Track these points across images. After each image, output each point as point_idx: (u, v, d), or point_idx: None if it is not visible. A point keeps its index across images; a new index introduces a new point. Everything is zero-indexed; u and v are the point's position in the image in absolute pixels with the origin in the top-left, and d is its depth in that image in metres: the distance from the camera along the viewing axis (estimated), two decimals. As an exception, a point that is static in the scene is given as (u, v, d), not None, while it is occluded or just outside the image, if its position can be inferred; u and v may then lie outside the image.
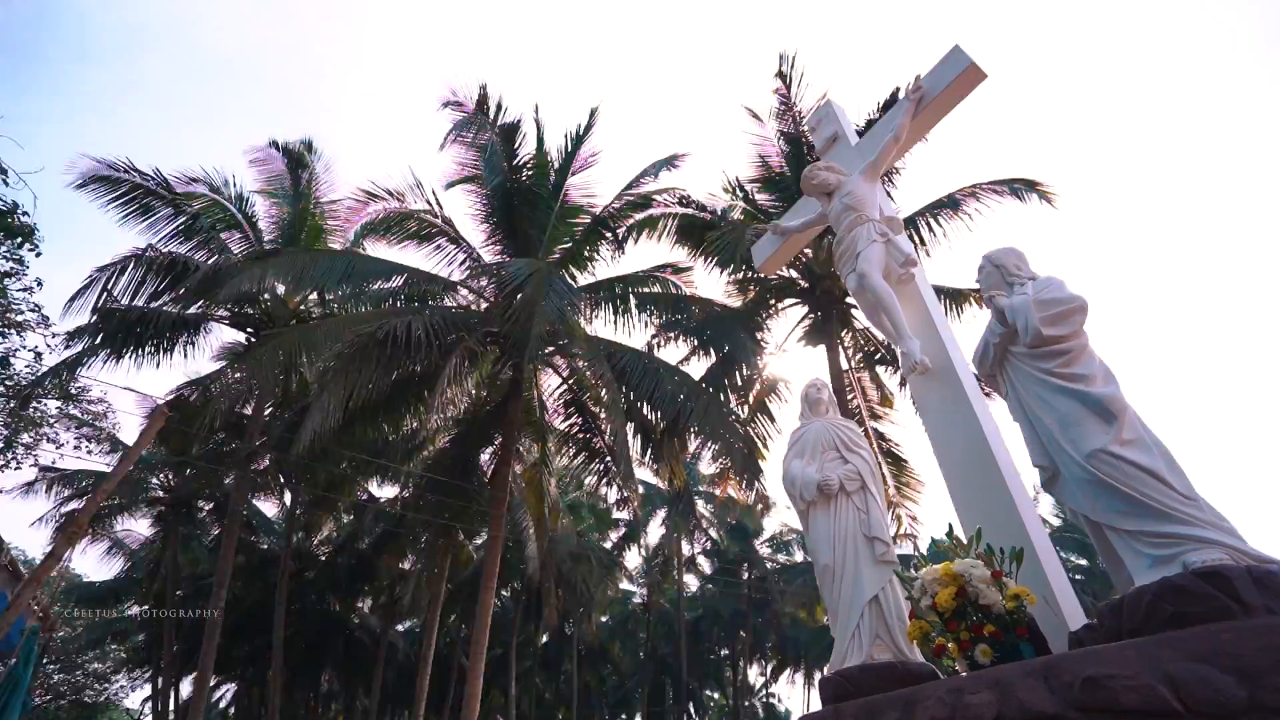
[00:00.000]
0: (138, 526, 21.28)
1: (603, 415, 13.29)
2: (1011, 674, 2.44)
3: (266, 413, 15.03)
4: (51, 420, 15.61)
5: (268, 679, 17.41)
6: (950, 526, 3.33)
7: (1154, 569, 2.50)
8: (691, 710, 30.84)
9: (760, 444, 13.49)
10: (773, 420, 14.05)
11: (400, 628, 26.52)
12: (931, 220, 13.10)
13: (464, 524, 14.94)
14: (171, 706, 19.64)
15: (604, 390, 10.49)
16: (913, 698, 2.74)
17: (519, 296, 9.83)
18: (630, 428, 13.87)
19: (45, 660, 25.79)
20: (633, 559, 29.60)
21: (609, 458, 14.04)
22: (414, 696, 14.91)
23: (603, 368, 10.40)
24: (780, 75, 12.97)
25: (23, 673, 5.45)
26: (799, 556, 28.63)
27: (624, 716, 35.46)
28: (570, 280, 14.20)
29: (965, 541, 3.30)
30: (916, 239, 13.27)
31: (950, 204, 12.95)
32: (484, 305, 12.71)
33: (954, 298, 13.15)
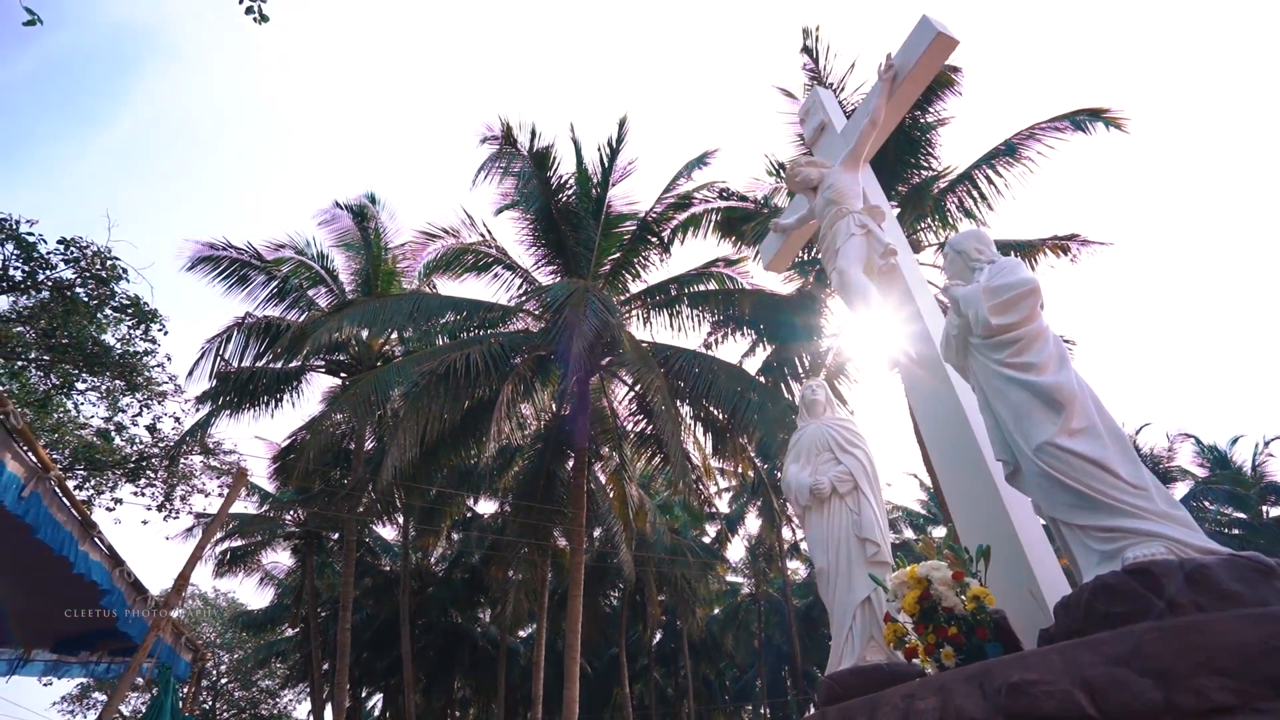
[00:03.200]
0: (281, 558, 23.83)
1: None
2: (954, 679, 2.44)
3: (367, 447, 16.39)
4: (197, 473, 17.84)
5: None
6: (924, 528, 3.29)
7: (1101, 565, 2.41)
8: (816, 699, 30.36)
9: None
10: (844, 402, 13.71)
11: (523, 634, 27.97)
12: (990, 172, 12.36)
13: (551, 536, 15.62)
14: (328, 717, 21.78)
15: (656, 398, 10.68)
16: (876, 702, 2.77)
17: (560, 317, 10.23)
18: (699, 426, 14.03)
19: (225, 680, 29.37)
20: (737, 550, 29.59)
21: (685, 458, 14.26)
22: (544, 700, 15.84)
23: (654, 373, 10.60)
24: (806, 50, 12.69)
25: (163, 700, 6.39)
26: (908, 534, 27.54)
27: (749, 708, 35.48)
28: (624, 289, 14.53)
29: (952, 541, 3.25)
30: (975, 194, 12.56)
31: (1008, 150, 12.17)
32: (540, 326, 13.25)
33: (1024, 250, 12.32)
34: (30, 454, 4.68)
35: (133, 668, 5.02)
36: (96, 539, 5.70)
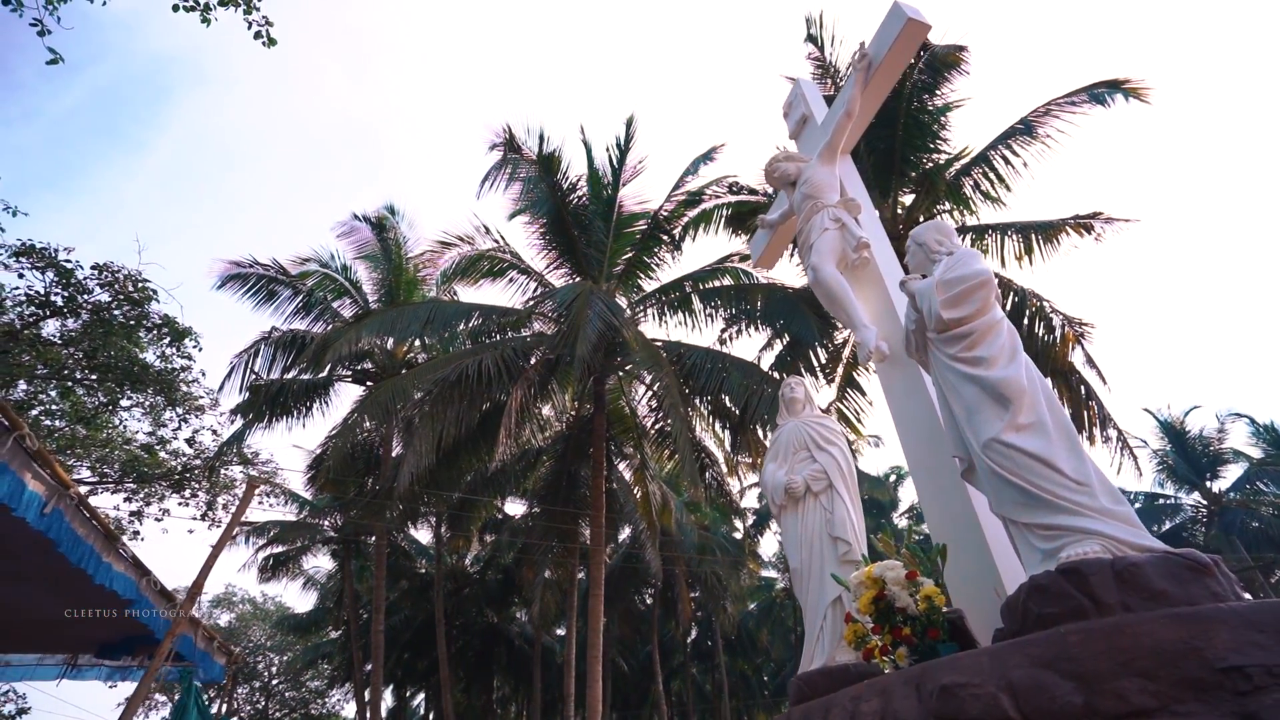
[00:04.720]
0: (322, 562, 24.61)
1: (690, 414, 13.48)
2: (895, 681, 2.41)
3: (395, 453, 16.77)
4: (237, 483, 18.51)
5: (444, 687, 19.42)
6: (884, 525, 3.24)
7: (1043, 564, 2.35)
8: (855, 692, 29.89)
9: (855, 418, 13.02)
10: (863, 394, 13.47)
11: (560, 632, 28.28)
12: (1006, 152, 12.01)
13: (577, 536, 15.76)
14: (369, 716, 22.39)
15: (666, 397, 10.68)
16: (830, 704, 2.75)
17: (567, 320, 10.31)
18: (718, 422, 13.97)
19: (277, 681, 30.43)
20: (770, 545, 29.33)
21: (703, 455, 14.25)
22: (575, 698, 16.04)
23: (664, 372, 10.61)
24: (811, 39, 12.52)
25: (185, 701, 6.68)
26: (945, 525, 26.91)
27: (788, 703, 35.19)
28: (637, 288, 14.55)
29: (923, 537, 3.20)
30: (992, 176, 12.22)
31: (1024, 129, 11.80)
32: (554, 329, 13.36)
33: (1044, 231, 11.92)
34: (49, 473, 4.95)
35: (150, 672, 5.29)
36: (120, 551, 5.99)
